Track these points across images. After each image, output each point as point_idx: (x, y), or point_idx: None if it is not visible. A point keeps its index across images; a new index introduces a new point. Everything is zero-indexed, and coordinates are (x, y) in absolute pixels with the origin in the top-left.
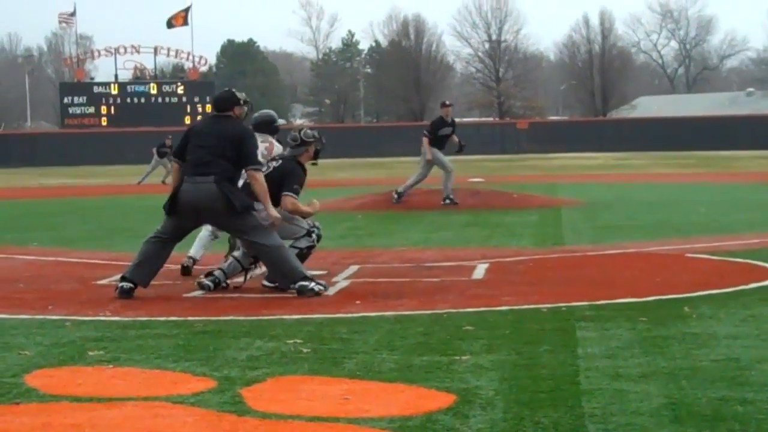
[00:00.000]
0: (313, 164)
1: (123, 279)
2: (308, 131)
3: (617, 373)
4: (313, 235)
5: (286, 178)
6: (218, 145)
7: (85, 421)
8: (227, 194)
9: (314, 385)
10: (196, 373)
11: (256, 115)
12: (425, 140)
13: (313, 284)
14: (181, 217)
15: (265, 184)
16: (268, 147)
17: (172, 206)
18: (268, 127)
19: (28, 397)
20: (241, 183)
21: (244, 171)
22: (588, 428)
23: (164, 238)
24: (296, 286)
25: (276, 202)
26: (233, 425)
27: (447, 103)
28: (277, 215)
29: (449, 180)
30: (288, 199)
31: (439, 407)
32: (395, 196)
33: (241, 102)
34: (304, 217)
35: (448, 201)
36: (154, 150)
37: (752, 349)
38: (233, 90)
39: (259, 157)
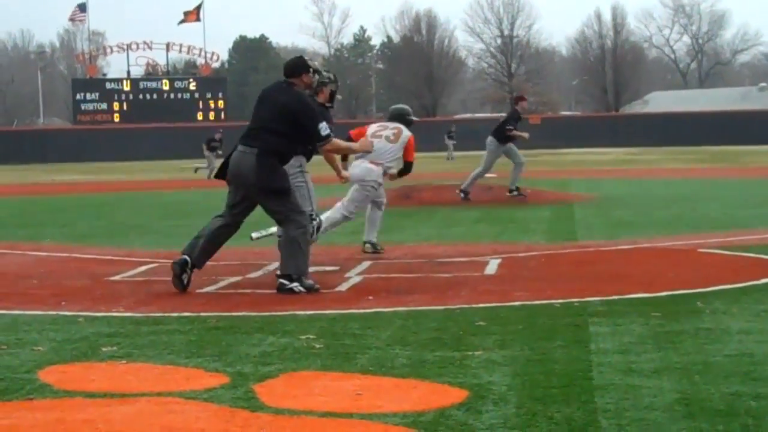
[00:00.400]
0: (329, 107)
1: (183, 252)
2: (324, 72)
3: (630, 369)
4: (314, 223)
5: None
6: (270, 118)
7: (99, 417)
8: (262, 170)
9: (327, 381)
10: (208, 369)
11: (392, 107)
12: (512, 132)
13: (294, 284)
14: (231, 187)
15: (337, 150)
16: (395, 132)
17: (221, 171)
18: (402, 118)
19: (41, 393)
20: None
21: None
22: (601, 423)
23: (223, 217)
24: (278, 282)
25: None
26: (246, 421)
27: (525, 96)
28: (345, 175)
29: (478, 176)
30: (331, 142)
31: (451, 403)
32: (508, 194)
33: (311, 71)
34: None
35: (462, 195)
36: (204, 145)
37: (765, 344)
38: (306, 58)
39: (382, 141)
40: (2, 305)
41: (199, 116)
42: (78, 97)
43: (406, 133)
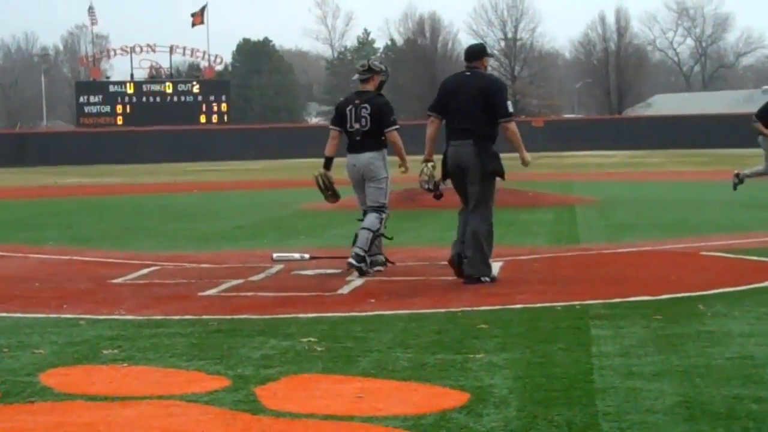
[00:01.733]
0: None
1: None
2: (376, 62)
3: (631, 372)
4: (383, 215)
5: (384, 113)
6: (471, 106)
7: (100, 420)
8: (483, 154)
9: (328, 384)
10: (210, 372)
11: None
12: (756, 125)
13: (482, 277)
14: (455, 181)
15: (517, 134)
16: None
17: (444, 171)
18: None
19: (42, 396)
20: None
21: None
22: (602, 426)
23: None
24: (487, 277)
25: (376, 143)
26: (247, 424)
27: None
28: (530, 159)
29: (760, 173)
30: (513, 123)
31: (453, 405)
32: (735, 180)
33: (488, 53)
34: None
35: (736, 179)
36: None
37: (767, 347)
38: (484, 43)
39: None
40: (4, 308)
41: (203, 119)
42: (81, 99)
43: None
